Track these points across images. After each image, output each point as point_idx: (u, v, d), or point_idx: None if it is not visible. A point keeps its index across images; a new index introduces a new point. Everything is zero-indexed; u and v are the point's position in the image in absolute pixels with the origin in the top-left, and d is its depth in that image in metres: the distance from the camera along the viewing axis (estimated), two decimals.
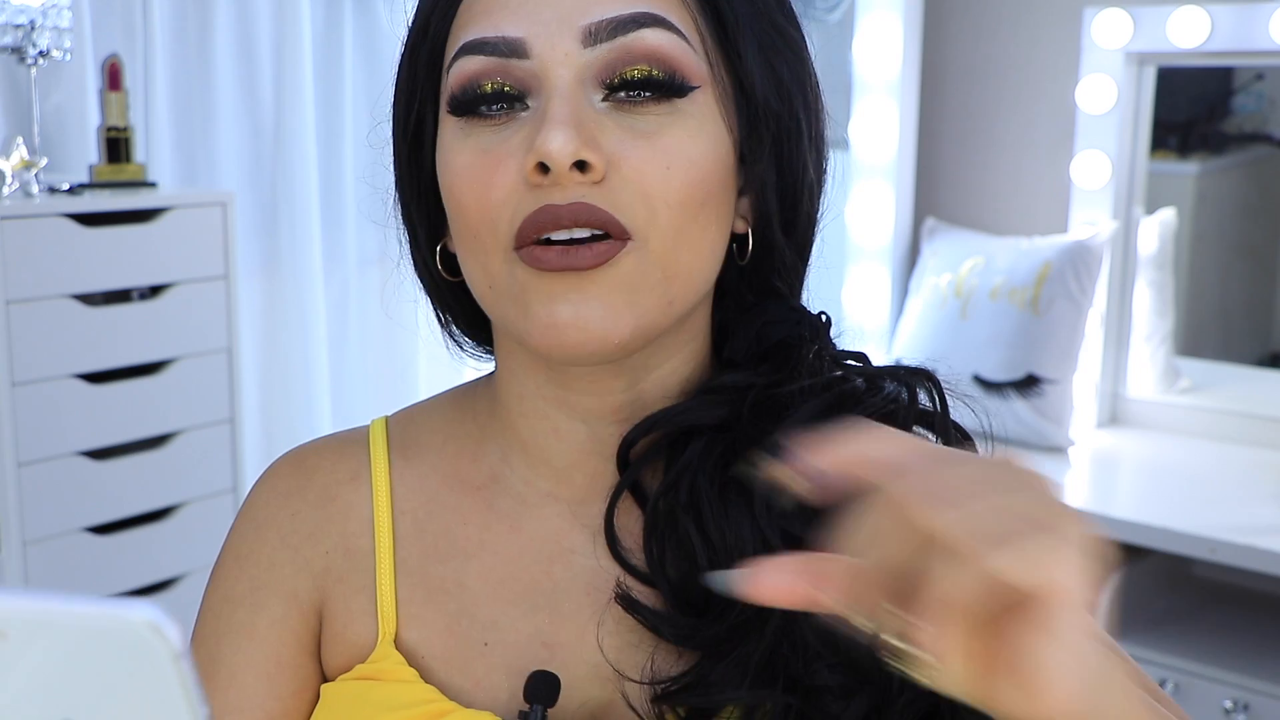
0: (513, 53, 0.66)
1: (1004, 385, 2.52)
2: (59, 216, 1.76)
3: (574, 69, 0.65)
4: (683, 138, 0.66)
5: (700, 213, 0.67)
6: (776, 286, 0.74)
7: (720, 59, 0.69)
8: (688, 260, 0.67)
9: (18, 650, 0.41)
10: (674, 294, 0.67)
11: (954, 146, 2.85)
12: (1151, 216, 2.66)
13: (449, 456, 0.77)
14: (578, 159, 0.64)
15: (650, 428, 0.71)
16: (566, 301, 0.65)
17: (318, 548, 0.76)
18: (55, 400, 1.76)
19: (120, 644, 0.41)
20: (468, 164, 0.67)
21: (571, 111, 0.64)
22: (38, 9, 1.84)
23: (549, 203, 0.64)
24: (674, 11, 0.67)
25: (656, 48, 0.66)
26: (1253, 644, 2.23)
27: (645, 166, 0.65)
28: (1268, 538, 2.05)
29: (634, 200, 0.65)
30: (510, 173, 0.66)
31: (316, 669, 0.76)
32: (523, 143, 0.66)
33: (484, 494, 0.76)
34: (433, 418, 0.80)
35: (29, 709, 0.42)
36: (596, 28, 0.65)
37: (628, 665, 0.69)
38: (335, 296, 2.47)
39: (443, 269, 0.74)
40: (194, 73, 2.22)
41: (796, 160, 0.71)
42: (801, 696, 0.66)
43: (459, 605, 0.73)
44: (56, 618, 0.41)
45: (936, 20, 2.82)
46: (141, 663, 0.41)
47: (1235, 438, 2.53)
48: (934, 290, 2.68)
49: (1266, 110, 2.88)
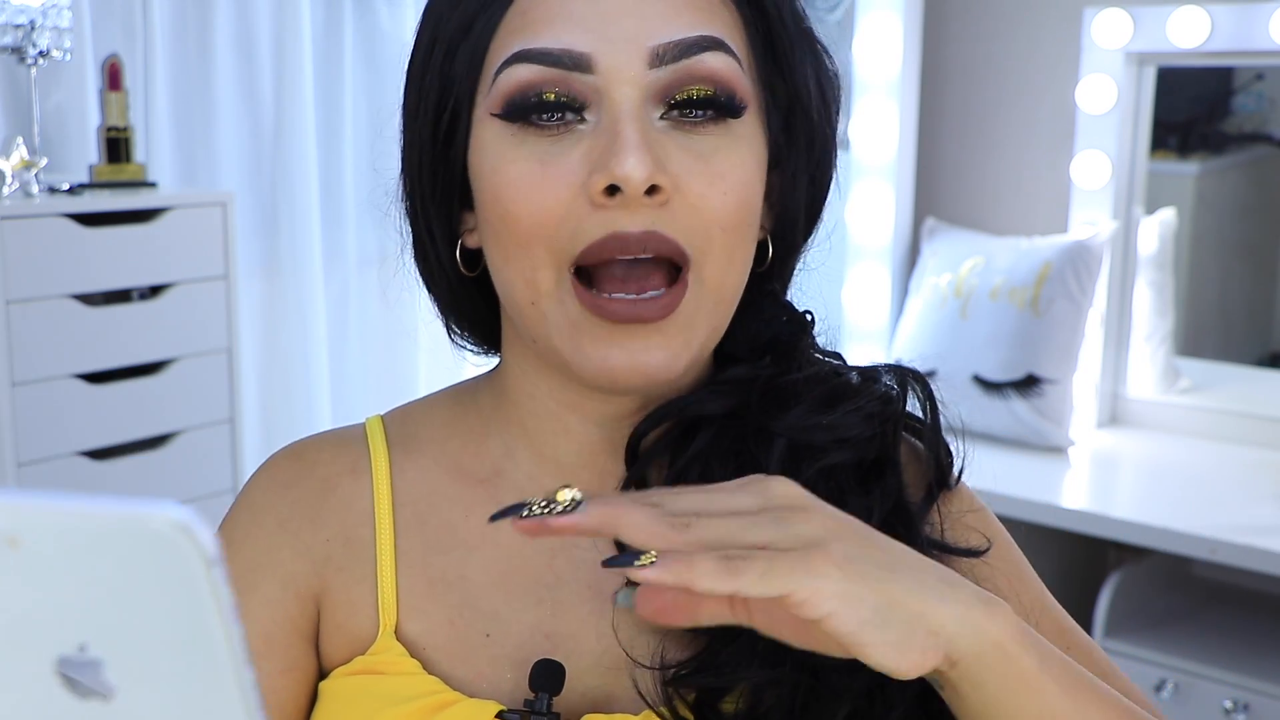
0: (576, 66, 0.66)
1: (1004, 385, 2.52)
2: (59, 216, 1.76)
3: (639, 88, 0.66)
4: (736, 160, 0.67)
5: (747, 234, 0.69)
6: (772, 287, 0.76)
7: (763, 76, 0.70)
8: (733, 282, 0.69)
9: (32, 559, 0.38)
10: (720, 318, 0.69)
11: (954, 146, 2.85)
12: (1151, 216, 2.66)
13: (451, 450, 0.77)
14: (651, 184, 0.64)
15: (661, 418, 0.72)
16: (623, 349, 0.66)
17: (318, 535, 0.76)
18: (55, 400, 1.76)
19: (145, 548, 0.37)
20: (524, 173, 0.66)
21: (642, 134, 0.65)
22: (38, 9, 1.84)
23: (618, 230, 0.65)
24: (730, 33, 0.68)
25: (715, 70, 0.67)
26: (1253, 644, 2.23)
27: (708, 190, 0.66)
28: (1268, 538, 2.05)
29: (694, 225, 0.66)
30: (569, 187, 0.65)
31: (310, 655, 0.75)
32: (584, 158, 0.66)
33: (487, 487, 0.76)
34: (433, 413, 0.80)
35: (43, 627, 0.39)
36: (664, 49, 0.66)
37: (637, 652, 0.70)
38: (335, 296, 2.47)
39: (462, 264, 0.74)
40: (194, 73, 2.22)
41: (828, 166, 0.74)
42: (809, 674, 0.67)
43: (461, 597, 0.74)
44: (75, 521, 0.37)
45: (936, 20, 2.82)
46: (169, 570, 0.37)
47: (1235, 438, 2.53)
48: (934, 290, 2.68)
49: (1266, 110, 2.88)
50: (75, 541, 0.37)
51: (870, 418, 0.72)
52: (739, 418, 0.72)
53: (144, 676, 0.39)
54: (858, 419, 0.72)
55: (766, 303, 0.75)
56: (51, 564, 0.38)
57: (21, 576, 0.38)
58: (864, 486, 0.72)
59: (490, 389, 0.78)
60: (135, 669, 0.39)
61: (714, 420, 0.72)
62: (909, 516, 0.72)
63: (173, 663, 0.39)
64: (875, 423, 0.72)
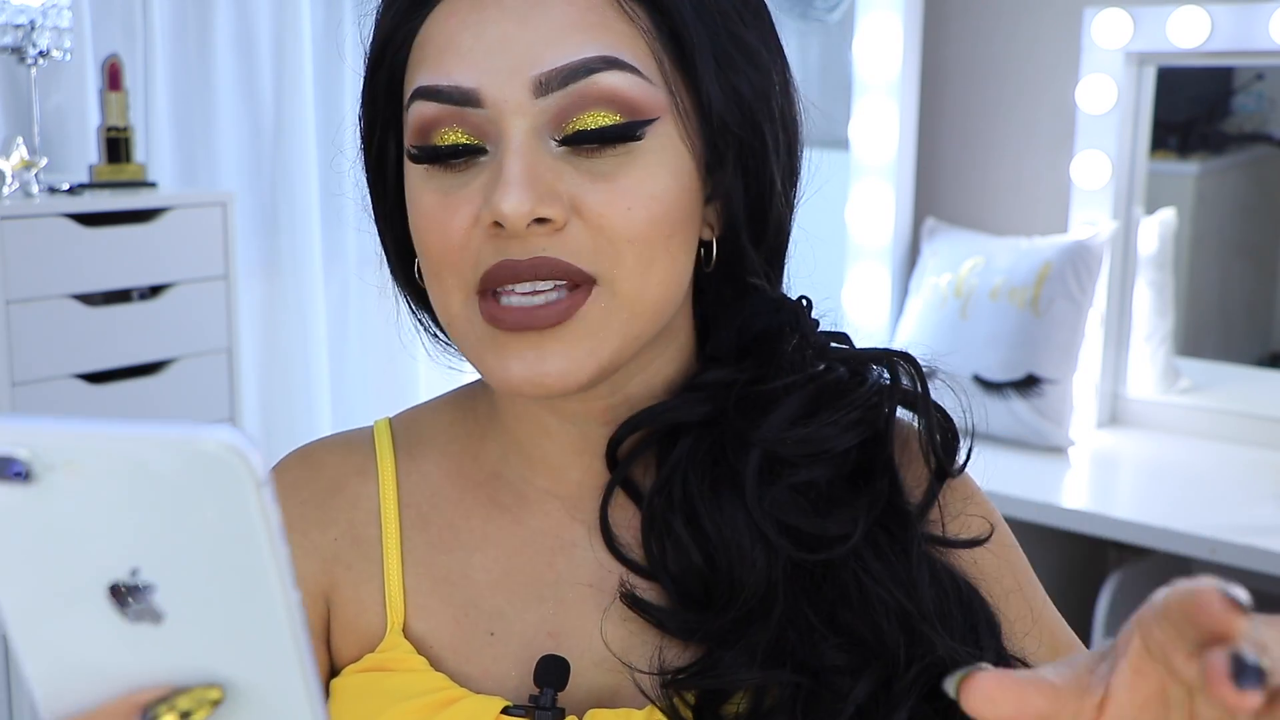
0: (466, 101, 0.66)
1: (1004, 385, 2.52)
2: (59, 216, 1.76)
3: (528, 118, 0.65)
4: (643, 177, 0.66)
5: (668, 245, 0.67)
6: (753, 283, 0.74)
7: (680, 81, 0.68)
8: (656, 294, 0.68)
9: (88, 484, 0.38)
10: (639, 329, 0.68)
11: (954, 146, 2.85)
12: (1151, 216, 2.66)
13: (453, 454, 0.78)
14: (534, 217, 0.64)
15: (635, 426, 0.72)
16: (520, 359, 0.66)
17: (326, 534, 0.77)
18: (55, 400, 1.76)
19: (198, 470, 0.38)
20: (431, 205, 0.68)
21: (526, 167, 0.65)
22: (38, 9, 1.84)
23: (508, 257, 0.65)
24: (628, 45, 0.66)
25: (611, 90, 0.65)
26: None
27: (606, 210, 0.65)
28: (1268, 538, 2.05)
29: (598, 244, 0.66)
30: (467, 218, 0.66)
31: (322, 653, 0.76)
32: (481, 189, 0.66)
33: (486, 489, 0.77)
34: (437, 417, 0.81)
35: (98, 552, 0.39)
36: (547, 77, 0.65)
37: (635, 656, 0.70)
38: (335, 296, 2.47)
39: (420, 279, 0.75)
40: (194, 73, 2.22)
41: (764, 174, 0.71)
42: (810, 676, 0.67)
43: (465, 596, 0.74)
44: (130, 445, 0.38)
45: (936, 20, 2.82)
46: (220, 491, 0.38)
47: (1235, 438, 2.53)
48: (934, 290, 2.68)
49: (1266, 110, 2.88)
50: (130, 465, 0.38)
51: (853, 427, 0.71)
52: (717, 425, 0.71)
53: (193, 599, 0.40)
54: (836, 430, 0.70)
55: (750, 299, 0.74)
56: (107, 488, 0.38)
57: (77, 501, 0.39)
58: (854, 491, 0.71)
59: (485, 393, 0.79)
60: (185, 592, 0.40)
61: (692, 427, 0.72)
62: (905, 518, 0.71)
63: (222, 585, 0.39)
64: (858, 431, 0.71)
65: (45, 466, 0.38)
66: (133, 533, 0.39)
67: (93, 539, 0.39)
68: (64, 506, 0.39)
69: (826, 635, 0.67)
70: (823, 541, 0.69)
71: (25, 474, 0.38)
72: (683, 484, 0.70)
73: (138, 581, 0.40)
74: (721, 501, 0.69)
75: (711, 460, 0.71)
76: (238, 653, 0.41)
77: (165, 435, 0.38)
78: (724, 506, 0.69)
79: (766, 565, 0.68)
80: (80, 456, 0.38)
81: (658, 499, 0.71)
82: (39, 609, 0.41)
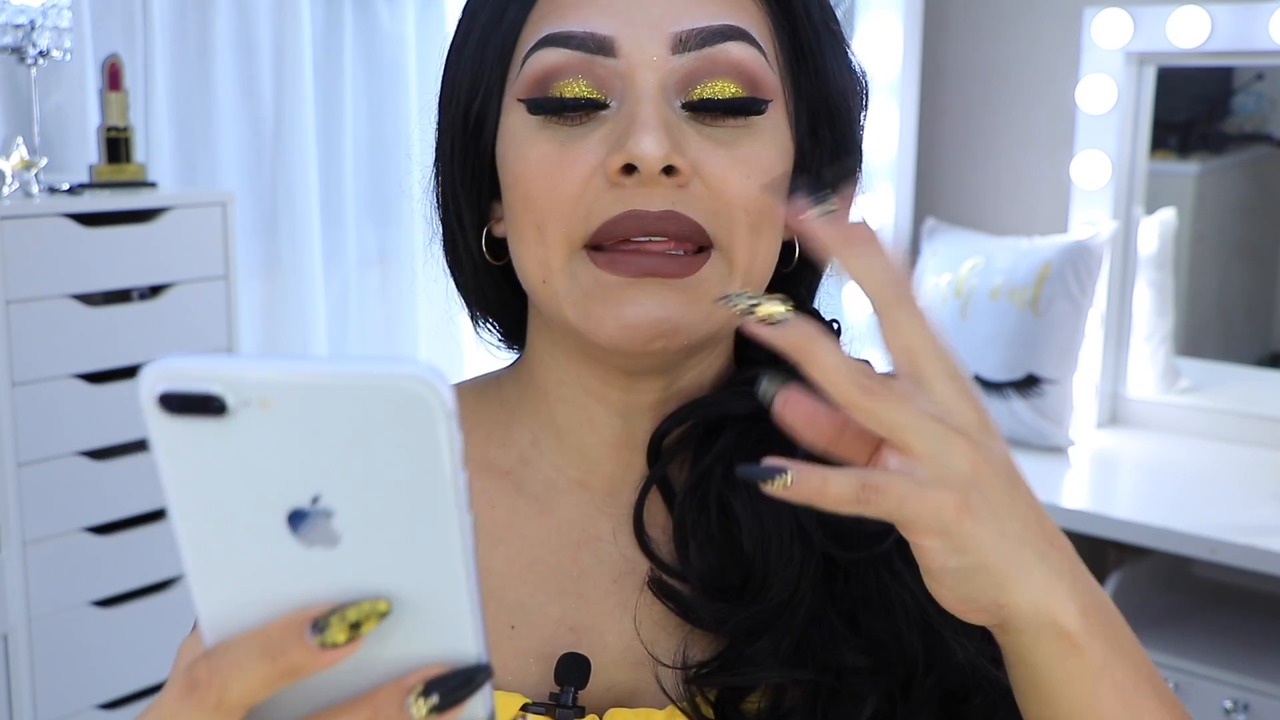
0: (599, 50, 0.66)
1: (1004, 385, 2.52)
2: (59, 216, 1.76)
3: (660, 74, 0.66)
4: (758, 149, 0.67)
5: (774, 219, 0.68)
6: (798, 292, 0.76)
7: (788, 69, 0.70)
8: (761, 269, 0.69)
9: (281, 418, 0.40)
10: None
11: (954, 146, 2.85)
12: (1151, 216, 2.66)
13: (476, 442, 0.78)
14: (668, 163, 0.64)
15: (684, 418, 0.72)
16: (637, 304, 0.65)
17: None
18: (55, 400, 1.76)
19: (392, 404, 0.40)
20: (542, 155, 0.67)
21: (660, 116, 0.65)
22: (38, 9, 1.84)
23: (636, 207, 0.65)
24: (755, 24, 0.69)
25: (739, 61, 0.67)
26: (1253, 644, 2.23)
27: (728, 174, 0.66)
28: (1268, 538, 2.05)
29: (716, 209, 0.66)
30: (587, 167, 0.66)
31: None
32: (603, 140, 0.66)
33: (512, 478, 0.76)
34: (459, 404, 0.80)
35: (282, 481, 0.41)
36: (686, 36, 0.66)
37: (659, 650, 0.70)
38: (335, 296, 2.47)
39: (488, 253, 0.75)
40: (194, 73, 2.22)
41: (855, 164, 0.73)
42: (832, 676, 0.67)
43: (486, 588, 0.74)
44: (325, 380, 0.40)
45: (936, 20, 2.82)
46: (411, 421, 0.40)
47: (1235, 438, 2.53)
48: (934, 290, 2.68)
49: (1266, 110, 2.88)
50: (322, 400, 0.40)
51: None
52: (763, 419, 0.72)
53: (369, 523, 0.42)
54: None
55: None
56: (298, 422, 0.40)
57: (269, 434, 0.41)
58: None
59: (515, 380, 0.78)
60: (362, 516, 0.42)
61: (737, 420, 0.72)
62: None
63: (400, 508, 0.41)
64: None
65: (242, 401, 0.40)
66: (318, 463, 0.41)
67: (279, 470, 0.41)
68: (255, 440, 0.41)
69: (848, 637, 0.68)
70: (860, 538, 0.69)
71: (221, 409, 0.40)
72: (724, 475, 0.70)
73: (318, 508, 0.41)
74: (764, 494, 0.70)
75: (756, 453, 0.71)
76: (408, 571, 0.42)
77: (360, 371, 0.40)
78: (765, 498, 0.70)
79: (801, 560, 0.68)
80: (275, 393, 0.40)
81: (695, 491, 0.71)
82: (215, 534, 0.42)
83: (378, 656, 0.43)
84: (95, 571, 1.82)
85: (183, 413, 0.40)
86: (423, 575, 0.42)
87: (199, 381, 0.40)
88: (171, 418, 0.41)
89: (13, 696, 1.76)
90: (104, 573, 1.84)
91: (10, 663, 1.75)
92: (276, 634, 0.42)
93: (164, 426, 0.41)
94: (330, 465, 0.41)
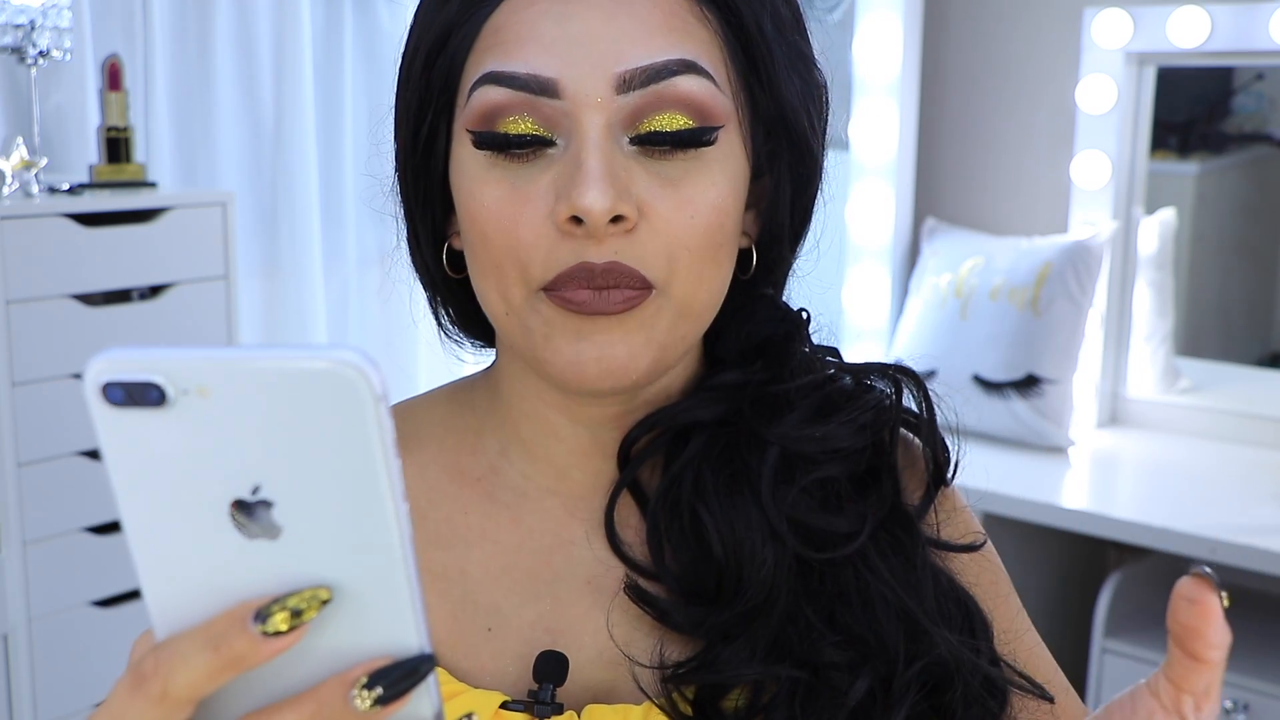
0: (543, 91, 0.65)
1: (1004, 385, 2.52)
2: (59, 216, 1.76)
3: (606, 114, 0.65)
4: (707, 185, 0.67)
5: (718, 254, 0.68)
6: (764, 291, 0.76)
7: (742, 88, 0.69)
8: (704, 299, 0.69)
9: (219, 407, 0.41)
10: (686, 330, 0.69)
11: (954, 146, 2.85)
12: (1151, 216, 2.66)
13: (449, 449, 0.78)
14: (614, 214, 0.64)
15: (652, 425, 0.72)
16: (591, 342, 0.66)
17: None
18: (55, 400, 1.76)
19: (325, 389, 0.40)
20: (495, 199, 0.67)
21: (606, 163, 0.65)
22: (38, 9, 1.84)
23: (585, 260, 0.65)
24: (704, 49, 0.67)
25: (687, 94, 0.66)
26: (1253, 644, 2.23)
27: (673, 215, 0.66)
28: (1268, 538, 2.05)
29: (659, 250, 0.66)
30: (539, 214, 0.66)
31: None
32: (552, 184, 0.66)
33: (484, 485, 0.76)
34: (432, 411, 0.80)
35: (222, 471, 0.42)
36: (630, 75, 0.65)
37: (635, 653, 0.70)
38: (335, 296, 2.47)
39: (448, 266, 0.75)
40: (194, 73, 2.22)
41: (813, 175, 0.73)
42: (810, 672, 0.67)
43: (462, 592, 0.74)
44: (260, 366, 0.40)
45: (936, 20, 2.82)
46: (342, 406, 0.41)
47: (1235, 438, 2.53)
48: (934, 290, 2.68)
49: (1266, 110, 2.88)
50: (258, 387, 0.41)
51: (863, 429, 0.73)
52: (731, 424, 0.72)
53: (308, 513, 0.42)
54: (849, 431, 0.72)
55: (759, 306, 0.75)
56: (236, 411, 0.41)
57: (208, 424, 0.41)
58: (860, 493, 0.72)
59: (486, 387, 0.79)
60: (301, 506, 0.42)
61: (706, 427, 0.72)
62: (908, 520, 0.72)
63: (336, 497, 0.42)
64: (868, 434, 0.73)
65: (180, 391, 0.41)
66: (256, 452, 0.41)
67: (218, 459, 0.42)
68: (195, 430, 0.41)
69: (825, 633, 0.68)
70: (831, 539, 0.70)
71: (161, 399, 0.41)
72: (694, 481, 0.71)
73: (258, 499, 0.42)
74: (735, 498, 0.70)
75: (725, 459, 0.71)
76: (348, 560, 0.43)
77: (291, 357, 0.40)
78: (737, 503, 0.70)
79: (774, 562, 0.68)
80: (212, 381, 0.41)
81: (666, 496, 0.71)
82: (161, 528, 0.43)
83: (322, 649, 0.44)
84: (95, 571, 1.83)
85: (125, 404, 0.41)
86: (362, 565, 0.43)
87: (139, 372, 0.41)
88: (115, 410, 0.41)
89: (13, 696, 1.77)
90: (104, 573, 1.84)
91: (10, 663, 1.75)
92: (220, 625, 0.43)
93: (108, 419, 0.41)
94: (269, 455, 0.41)
